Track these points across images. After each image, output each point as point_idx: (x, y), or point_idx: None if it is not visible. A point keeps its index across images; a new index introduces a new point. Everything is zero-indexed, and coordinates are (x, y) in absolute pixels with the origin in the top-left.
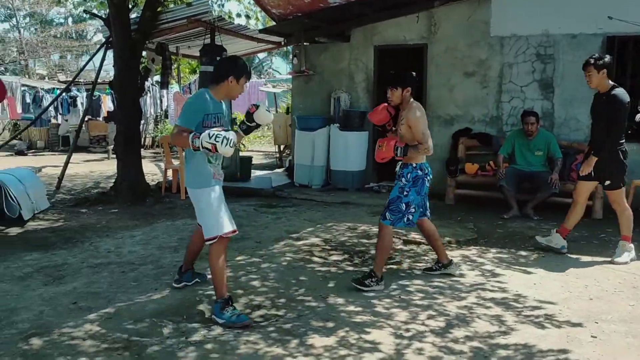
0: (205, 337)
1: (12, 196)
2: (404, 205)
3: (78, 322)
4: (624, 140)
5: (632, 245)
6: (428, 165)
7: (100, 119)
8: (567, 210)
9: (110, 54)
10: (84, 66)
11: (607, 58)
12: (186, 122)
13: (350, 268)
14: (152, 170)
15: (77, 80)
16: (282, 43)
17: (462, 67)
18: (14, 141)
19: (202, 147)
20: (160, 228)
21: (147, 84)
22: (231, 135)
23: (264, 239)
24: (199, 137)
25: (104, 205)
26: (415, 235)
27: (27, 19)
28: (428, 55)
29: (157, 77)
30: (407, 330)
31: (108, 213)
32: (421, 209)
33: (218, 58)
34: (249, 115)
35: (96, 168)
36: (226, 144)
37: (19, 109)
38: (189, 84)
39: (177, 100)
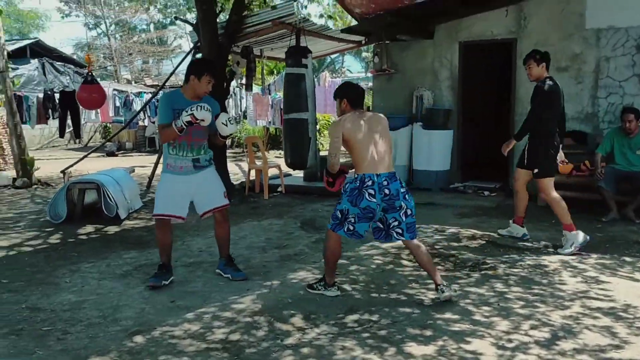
0: (300, 341)
1: (110, 196)
2: (338, 212)
3: (177, 320)
4: (555, 132)
5: (575, 232)
6: (375, 176)
7: None
8: None
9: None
10: (175, 69)
11: (546, 52)
12: (162, 119)
13: (443, 273)
14: (232, 170)
15: (161, 84)
16: (363, 42)
17: (554, 62)
18: (106, 143)
19: (185, 123)
20: (247, 228)
21: (232, 85)
22: (202, 104)
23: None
24: (179, 119)
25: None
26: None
27: (113, 26)
28: (517, 50)
29: (242, 80)
30: (510, 340)
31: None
32: (380, 226)
33: (303, 60)
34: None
35: None
36: (201, 109)
37: (111, 113)
38: (269, 85)
39: (256, 101)
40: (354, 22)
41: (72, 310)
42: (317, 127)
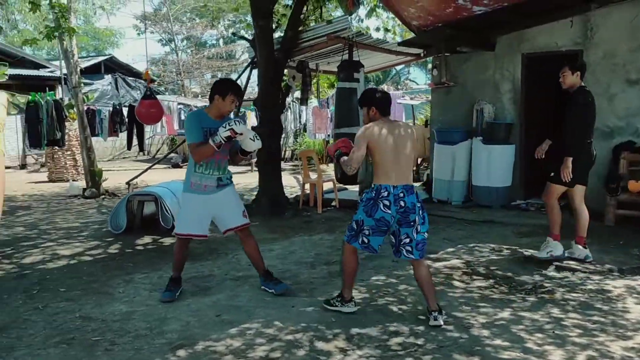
0: None
1: (167, 208)
2: (354, 223)
3: (220, 335)
4: (589, 141)
5: (558, 243)
6: (392, 187)
7: None
8: None
9: (255, 73)
10: None
11: (582, 61)
12: (194, 138)
13: (496, 296)
14: (290, 183)
15: None
16: (422, 55)
17: (624, 74)
18: (171, 154)
19: (224, 139)
20: (298, 242)
21: (287, 100)
22: (237, 119)
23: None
24: (216, 134)
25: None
26: (569, 261)
27: (185, 42)
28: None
29: (297, 94)
30: None
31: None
32: (392, 241)
33: (355, 74)
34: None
35: (240, 180)
36: (239, 124)
37: (176, 126)
38: (327, 99)
39: (315, 114)
40: (412, 34)
41: (121, 320)
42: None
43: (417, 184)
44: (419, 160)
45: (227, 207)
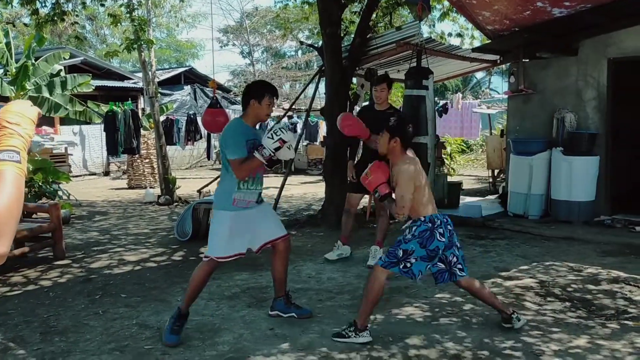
0: None
1: None
2: (401, 251)
3: (272, 350)
4: None
5: (347, 246)
6: (441, 216)
7: (317, 143)
8: None
9: (323, 81)
10: (299, 95)
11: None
12: (239, 153)
13: (572, 320)
14: None
15: (298, 107)
16: (498, 61)
17: None
18: None
19: (273, 150)
20: (361, 255)
21: (356, 109)
22: (281, 127)
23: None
24: (263, 147)
25: (311, 228)
26: None
27: (264, 53)
28: None
29: (366, 103)
30: None
31: (314, 236)
32: (441, 267)
33: (424, 81)
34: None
35: (311, 190)
36: (286, 131)
37: None
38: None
39: None
40: (489, 40)
41: None
42: (449, 150)
43: (492, 197)
44: (496, 171)
45: (266, 219)
